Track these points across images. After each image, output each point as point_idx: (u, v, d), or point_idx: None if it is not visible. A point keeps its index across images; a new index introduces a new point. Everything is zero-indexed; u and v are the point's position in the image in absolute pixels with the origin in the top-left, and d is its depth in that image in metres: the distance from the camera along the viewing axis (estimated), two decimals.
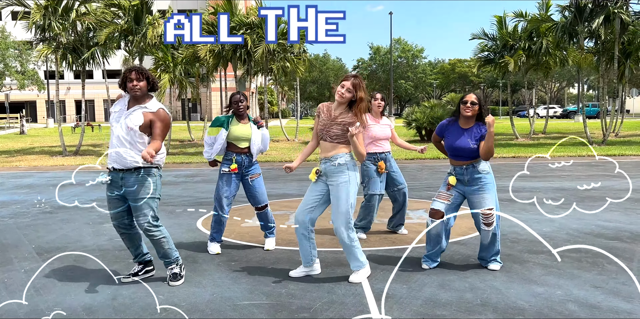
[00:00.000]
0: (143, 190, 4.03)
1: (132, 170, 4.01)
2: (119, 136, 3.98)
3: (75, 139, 24.68)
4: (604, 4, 16.74)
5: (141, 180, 4.02)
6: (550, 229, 5.86)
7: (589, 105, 47.97)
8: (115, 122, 4.05)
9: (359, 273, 4.20)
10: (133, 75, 3.96)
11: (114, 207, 4.16)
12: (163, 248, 4.17)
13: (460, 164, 4.41)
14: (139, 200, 4.03)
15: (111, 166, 4.08)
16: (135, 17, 16.59)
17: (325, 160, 4.12)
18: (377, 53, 68.50)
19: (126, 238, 4.26)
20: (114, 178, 4.07)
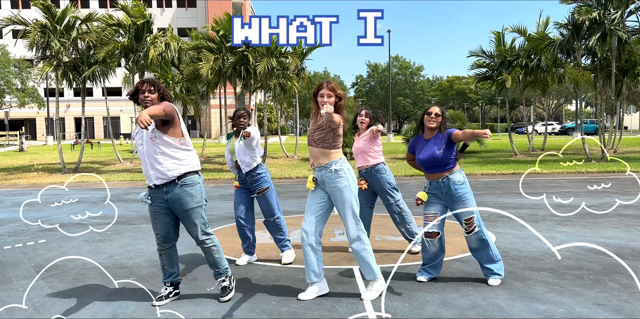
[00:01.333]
0: (190, 199, 4.00)
1: (174, 181, 3.99)
2: (149, 153, 3.97)
3: (75, 156, 24.69)
4: (600, 22, 16.92)
5: (186, 190, 3.99)
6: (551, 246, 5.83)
7: (587, 121, 48.19)
8: (139, 143, 4.05)
9: (373, 288, 4.14)
10: (145, 86, 3.99)
11: (162, 222, 4.10)
12: (214, 257, 4.15)
13: (435, 178, 4.51)
14: (189, 211, 4.01)
15: (152, 184, 4.03)
16: (136, 35, 16.75)
17: (320, 167, 4.17)
18: (374, 70, 69.00)
19: (166, 254, 4.19)
20: (157, 194, 4.04)
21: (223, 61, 16.66)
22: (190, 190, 4.01)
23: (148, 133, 3.97)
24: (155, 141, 3.96)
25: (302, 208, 9.04)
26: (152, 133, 3.96)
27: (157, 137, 3.96)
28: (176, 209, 4.03)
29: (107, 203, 10.08)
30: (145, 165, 4.04)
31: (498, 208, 8.62)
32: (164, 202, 4.03)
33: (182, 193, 3.98)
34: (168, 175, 3.96)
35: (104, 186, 13.41)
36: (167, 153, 3.98)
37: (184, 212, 4.02)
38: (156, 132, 3.95)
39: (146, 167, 4.03)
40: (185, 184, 4.00)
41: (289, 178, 14.53)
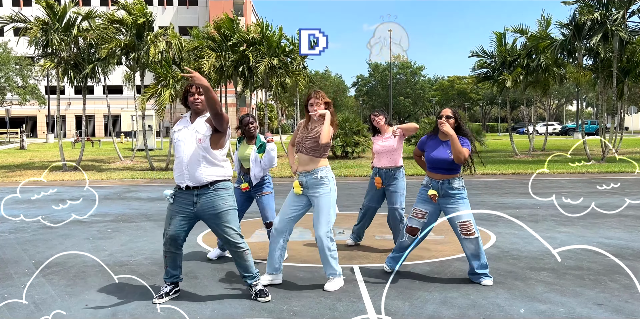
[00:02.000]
0: (223, 203, 3.98)
1: (207, 186, 3.96)
2: (191, 153, 3.92)
3: (75, 154, 24.68)
4: (602, 22, 16.90)
5: (219, 194, 3.97)
6: (552, 246, 5.82)
7: (588, 122, 48.17)
8: (181, 141, 3.98)
9: (333, 281, 4.38)
10: (194, 89, 3.98)
11: (176, 223, 4.04)
12: (246, 261, 4.11)
13: (437, 178, 4.57)
14: (222, 213, 3.97)
15: (184, 185, 3.99)
16: (137, 33, 16.74)
17: (306, 173, 4.37)
18: (375, 70, 68.97)
19: (171, 257, 4.15)
20: (184, 196, 4.00)
21: (224, 59, 16.65)
22: (223, 193, 3.99)
23: (197, 133, 3.94)
24: (202, 143, 3.93)
25: None
26: (204, 135, 3.93)
27: (204, 141, 3.94)
28: (207, 213, 3.97)
29: (99, 201, 10.09)
30: (180, 164, 3.97)
31: (499, 208, 8.63)
32: (191, 205, 3.98)
33: (215, 197, 3.96)
34: (202, 180, 3.94)
35: (103, 184, 13.42)
36: (209, 159, 3.97)
37: (216, 215, 3.97)
38: (207, 135, 3.94)
39: (181, 166, 3.96)
40: (218, 188, 3.98)
41: (290, 177, 14.53)
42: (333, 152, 20.97)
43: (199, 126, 3.97)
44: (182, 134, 3.99)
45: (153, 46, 16.01)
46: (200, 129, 3.95)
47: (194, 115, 4.06)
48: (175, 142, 4.02)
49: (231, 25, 16.83)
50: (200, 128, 3.95)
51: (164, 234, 4.12)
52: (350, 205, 9.34)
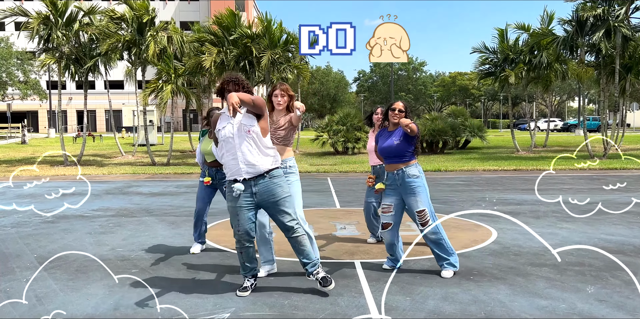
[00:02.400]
0: (280, 190, 4.06)
1: (263, 175, 4.02)
2: (243, 146, 3.97)
3: (77, 149, 24.69)
4: (605, 18, 16.84)
5: (275, 182, 4.05)
6: (552, 242, 5.84)
7: (590, 118, 48.08)
8: (230, 137, 3.99)
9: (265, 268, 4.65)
10: (230, 86, 4.01)
11: (244, 217, 4.07)
12: (304, 246, 4.13)
13: (392, 169, 4.70)
14: (280, 201, 4.04)
15: (241, 179, 4.02)
16: (139, 28, 16.71)
17: None
18: (377, 65, 68.81)
19: (246, 252, 4.16)
20: (245, 187, 4.03)
21: (225, 54, 16.62)
22: (279, 181, 4.08)
23: (244, 126, 3.97)
24: (251, 134, 3.99)
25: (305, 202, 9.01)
26: (251, 126, 3.99)
27: (253, 131, 3.99)
28: (265, 201, 4.04)
29: (102, 196, 10.10)
30: (232, 159, 4.01)
31: (500, 203, 8.63)
32: (251, 196, 4.03)
33: (272, 185, 4.04)
34: (260, 169, 4.00)
35: (105, 178, 13.43)
36: (261, 148, 4.04)
37: (274, 203, 4.04)
38: (254, 125, 4.00)
39: (235, 161, 4.00)
40: (274, 176, 4.06)
41: None
42: (334, 148, 20.97)
43: (244, 118, 4.02)
44: (229, 130, 4.02)
45: (154, 41, 15.97)
46: (245, 121, 4.01)
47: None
48: (223, 139, 4.04)
49: (233, 20, 16.78)
50: (245, 120, 4.01)
51: (235, 232, 4.13)
52: (352, 200, 9.34)
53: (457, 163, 16.21)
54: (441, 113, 28.56)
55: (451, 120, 21.85)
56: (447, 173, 13.93)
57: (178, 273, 4.75)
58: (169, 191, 10.71)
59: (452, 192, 10.18)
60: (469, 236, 6.15)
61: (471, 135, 21.83)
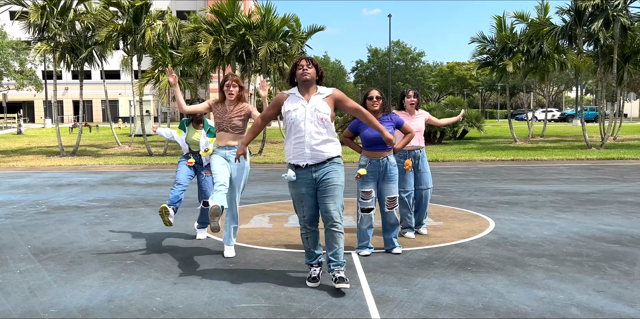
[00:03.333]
0: (337, 177, 4.02)
1: (324, 162, 4.00)
2: (313, 132, 3.93)
3: (73, 139, 24.59)
4: (603, 8, 16.73)
5: (334, 168, 4.02)
6: (550, 232, 5.81)
7: (587, 108, 48.05)
8: (301, 121, 3.94)
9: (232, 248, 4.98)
10: (303, 62, 3.98)
11: (309, 204, 4.06)
12: (339, 245, 4.04)
13: (377, 156, 4.86)
14: (335, 187, 3.99)
15: (303, 164, 3.98)
16: (134, 16, 16.53)
17: (229, 147, 4.82)
18: (375, 55, 68.53)
19: (312, 238, 4.15)
20: (304, 175, 4.00)
21: (222, 43, 16.47)
22: (338, 168, 4.05)
23: (318, 112, 3.95)
24: (323, 122, 3.96)
25: None
26: (325, 113, 3.96)
27: (326, 119, 3.97)
28: (323, 185, 3.99)
29: (98, 186, 10.04)
30: (299, 143, 3.96)
31: (498, 194, 8.60)
32: (312, 182, 4.01)
33: (331, 171, 4.01)
34: (325, 156, 3.98)
35: (101, 169, 13.35)
36: (329, 135, 4.02)
37: (327, 188, 3.97)
38: (328, 113, 3.98)
39: (301, 146, 3.95)
40: (334, 163, 4.04)
41: None
42: None
43: (319, 105, 3.96)
44: (300, 113, 3.95)
45: (150, 29, 15.81)
46: (321, 108, 3.96)
47: (303, 89, 4.02)
48: (292, 121, 3.97)
49: (231, 9, 16.60)
50: (321, 108, 3.96)
51: (300, 218, 4.13)
52: (349, 190, 9.29)
53: (455, 154, 16.17)
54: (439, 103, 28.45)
55: (449, 110, 21.77)
56: (445, 163, 13.90)
57: (173, 264, 4.71)
58: (165, 182, 10.66)
59: (450, 182, 10.15)
60: (466, 226, 6.12)
61: (469, 126, 21.78)
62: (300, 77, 3.98)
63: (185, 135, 5.58)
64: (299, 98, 4.00)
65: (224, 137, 4.82)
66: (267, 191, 9.30)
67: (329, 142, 3.99)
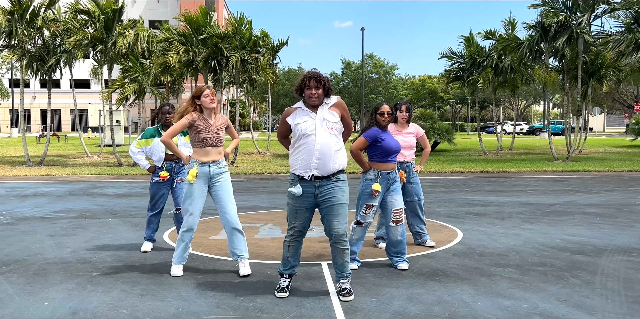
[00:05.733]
0: (341, 195, 4.01)
1: (329, 177, 3.98)
2: (324, 142, 3.92)
3: (40, 149, 24.04)
4: (567, 24, 17.28)
5: (339, 185, 4.01)
6: (516, 243, 5.93)
7: (554, 122, 49.28)
8: (312, 132, 3.93)
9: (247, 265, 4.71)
10: (312, 83, 3.94)
11: (303, 217, 4.08)
12: (344, 259, 4.06)
13: (389, 168, 4.83)
14: (338, 206, 3.99)
15: (309, 175, 3.97)
16: (105, 25, 16.36)
17: (214, 163, 4.64)
18: (348, 68, 69.14)
19: (294, 247, 4.18)
20: (308, 188, 4.00)
21: (194, 53, 16.42)
22: (342, 185, 4.04)
23: (327, 121, 3.94)
24: (333, 131, 3.97)
25: (273, 203, 8.99)
26: (334, 122, 3.97)
27: (336, 128, 3.98)
28: (325, 203, 4.00)
29: (66, 197, 9.85)
30: (310, 154, 3.93)
31: (466, 205, 8.73)
32: (312, 197, 4.01)
33: (335, 188, 4.00)
34: (331, 169, 3.96)
35: (68, 179, 13.09)
36: (339, 146, 4.02)
37: (332, 207, 3.99)
38: (337, 121, 3.99)
39: (309, 156, 3.93)
40: (339, 180, 4.03)
41: (261, 173, 14.45)
42: None
43: (327, 114, 3.99)
44: (310, 125, 3.96)
45: (122, 37, 15.66)
46: (329, 117, 3.99)
47: (311, 107, 4.03)
48: (302, 132, 3.96)
49: (204, 19, 16.60)
50: (329, 117, 3.99)
51: (290, 227, 4.13)
52: None
53: (426, 165, 16.37)
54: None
55: (420, 123, 22.08)
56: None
57: (141, 276, 4.65)
58: (134, 193, 10.51)
59: None
60: (435, 236, 6.20)
61: (440, 138, 22.10)
62: (309, 100, 3.99)
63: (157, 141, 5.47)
64: (306, 111, 4.03)
65: (210, 152, 4.62)
66: (239, 202, 9.19)
67: (337, 152, 3.99)
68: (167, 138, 4.64)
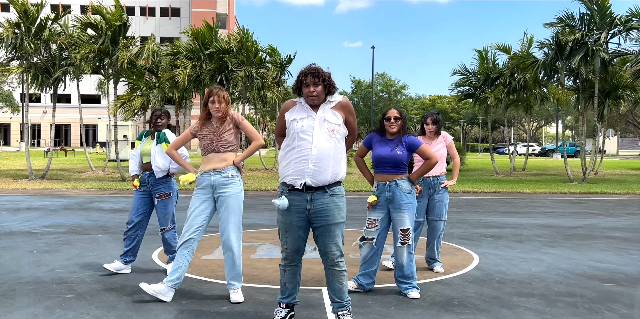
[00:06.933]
0: (337, 213, 3.43)
1: (324, 188, 3.39)
2: (321, 145, 3.36)
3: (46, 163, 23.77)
4: (584, 42, 16.83)
5: (335, 201, 3.42)
6: (538, 269, 5.38)
7: (567, 144, 48.57)
8: (307, 131, 3.39)
9: (238, 292, 4.17)
10: (308, 79, 3.41)
11: (295, 236, 3.47)
12: (341, 284, 3.51)
13: (384, 179, 4.35)
14: (334, 226, 3.42)
15: (300, 183, 3.37)
16: (112, 38, 16.16)
17: (215, 172, 4.11)
18: (358, 87, 69.10)
19: (290, 272, 3.58)
20: (299, 201, 3.40)
21: (201, 68, 16.14)
22: (339, 201, 3.45)
23: (328, 123, 3.41)
24: (334, 134, 3.42)
25: (274, 221, 8.49)
26: (336, 125, 3.43)
27: (338, 132, 3.44)
28: (319, 221, 3.42)
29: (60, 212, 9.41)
30: (300, 158, 3.38)
31: (481, 226, 8.18)
32: (304, 212, 3.42)
33: (331, 204, 3.41)
34: (327, 178, 3.37)
35: (67, 193, 12.69)
36: (340, 152, 3.46)
37: (327, 226, 3.42)
38: (340, 124, 3.46)
39: (304, 161, 3.36)
40: (335, 194, 3.44)
41: (265, 190, 13.97)
42: None
43: (328, 115, 3.45)
44: (307, 124, 3.41)
45: (125, 50, 15.41)
46: (330, 118, 3.44)
47: (312, 106, 3.51)
48: (297, 131, 3.41)
49: (210, 33, 16.36)
50: (331, 117, 3.44)
51: (283, 249, 3.56)
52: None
53: None
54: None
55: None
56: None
57: (119, 300, 4.15)
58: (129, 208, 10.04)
59: None
60: (448, 260, 5.66)
61: (450, 158, 21.54)
62: (307, 100, 3.47)
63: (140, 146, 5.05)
64: (306, 108, 3.49)
65: (211, 159, 4.13)
66: None
67: (336, 159, 3.42)
68: (170, 150, 4.21)
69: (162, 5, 55.10)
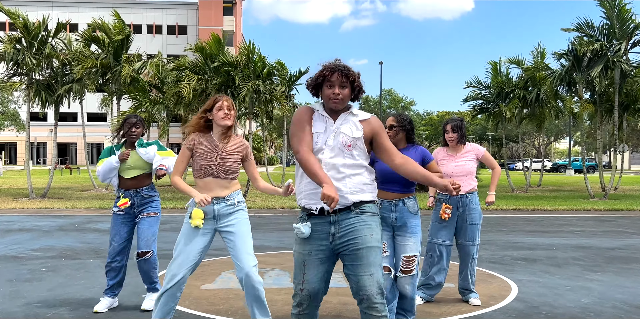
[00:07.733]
0: (369, 234, 2.67)
1: (350, 208, 2.68)
2: (333, 161, 2.68)
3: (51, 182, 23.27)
4: (603, 53, 16.21)
5: (365, 219, 2.69)
6: (589, 300, 4.66)
7: (579, 159, 47.66)
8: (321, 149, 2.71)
9: None
10: (334, 78, 2.70)
11: (315, 271, 2.70)
12: None
13: (389, 197, 3.75)
14: (367, 250, 2.63)
15: (317, 208, 2.69)
16: (115, 53, 15.73)
17: (219, 200, 3.47)
18: (366, 103, 68.80)
19: (311, 313, 2.77)
20: (320, 226, 2.70)
21: (207, 82, 15.64)
22: (370, 220, 2.71)
23: (344, 136, 2.72)
24: (350, 150, 2.72)
25: (283, 243, 7.82)
26: (353, 138, 2.72)
27: (355, 147, 2.73)
28: (346, 247, 2.66)
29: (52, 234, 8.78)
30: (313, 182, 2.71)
31: (510, 248, 7.46)
32: (327, 238, 2.69)
33: (360, 224, 2.68)
34: (348, 199, 2.68)
35: (65, 213, 12.08)
36: (359, 169, 2.74)
37: (357, 253, 2.64)
38: (359, 137, 2.74)
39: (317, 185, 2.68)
40: (364, 212, 2.71)
41: (273, 208, 13.31)
42: None
43: (346, 126, 2.75)
44: (322, 138, 2.74)
45: (127, 64, 14.96)
46: (346, 130, 2.73)
47: (331, 112, 2.80)
48: (314, 147, 2.74)
49: (216, 47, 15.90)
50: (347, 129, 2.73)
51: (296, 291, 2.74)
52: None
53: None
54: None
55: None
56: None
57: None
58: None
59: None
60: (483, 290, 4.95)
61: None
62: (328, 103, 2.76)
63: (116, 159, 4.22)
64: (323, 117, 2.78)
65: (209, 185, 3.45)
66: None
67: (358, 177, 2.72)
68: (174, 179, 3.44)
69: (169, 22, 55.25)
